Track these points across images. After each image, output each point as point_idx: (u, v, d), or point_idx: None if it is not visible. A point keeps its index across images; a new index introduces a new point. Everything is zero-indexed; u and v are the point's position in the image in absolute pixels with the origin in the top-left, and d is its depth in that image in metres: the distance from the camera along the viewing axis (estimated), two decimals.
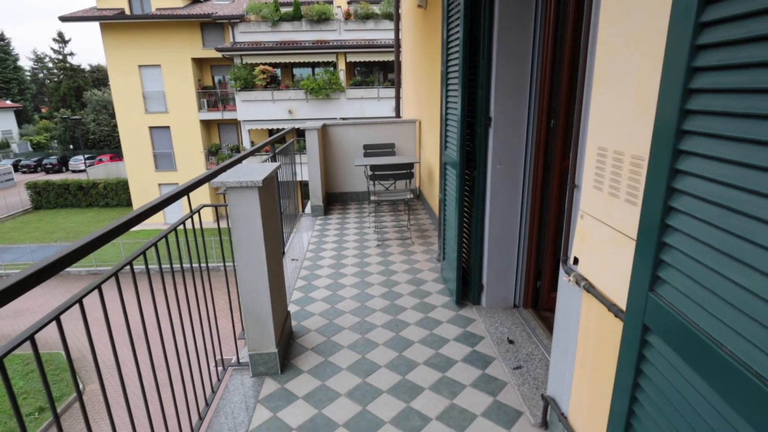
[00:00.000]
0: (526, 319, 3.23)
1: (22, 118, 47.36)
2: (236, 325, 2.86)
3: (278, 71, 21.48)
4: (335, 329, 3.25)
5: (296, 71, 22.01)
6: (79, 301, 1.43)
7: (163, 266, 1.99)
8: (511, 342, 2.97)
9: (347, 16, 20.63)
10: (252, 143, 20.97)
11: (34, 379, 11.31)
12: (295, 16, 20.21)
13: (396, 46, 8.76)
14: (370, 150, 6.21)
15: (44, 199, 26.05)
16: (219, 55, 20.15)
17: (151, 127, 21.46)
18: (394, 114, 19.45)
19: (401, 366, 2.79)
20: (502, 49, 2.96)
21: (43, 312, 14.27)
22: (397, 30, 8.68)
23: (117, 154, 35.02)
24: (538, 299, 3.34)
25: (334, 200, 6.70)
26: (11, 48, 48.10)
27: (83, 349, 12.25)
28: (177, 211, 21.72)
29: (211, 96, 21.76)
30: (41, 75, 52.49)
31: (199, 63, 21.42)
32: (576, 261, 1.83)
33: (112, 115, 35.33)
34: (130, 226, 1.63)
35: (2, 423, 10.19)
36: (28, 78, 51.67)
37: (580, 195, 1.84)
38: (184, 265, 2.19)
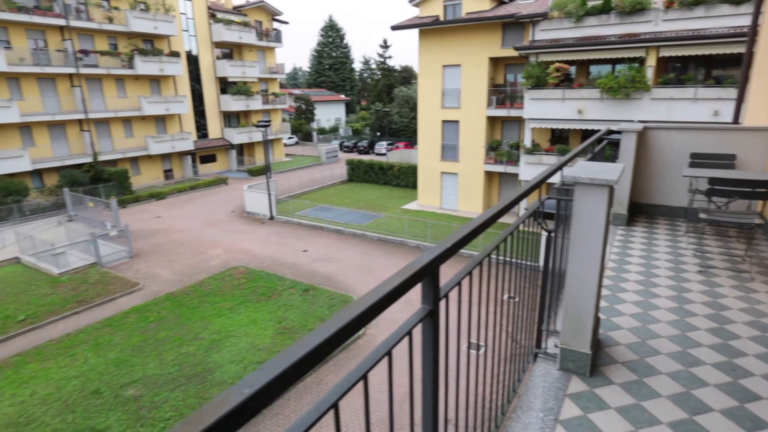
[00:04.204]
0: None
1: (348, 108, 60.60)
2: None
3: (572, 69, 20.52)
4: (649, 350, 2.97)
5: (593, 69, 20.57)
6: (473, 270, 1.72)
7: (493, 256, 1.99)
8: None
9: (668, 4, 17.85)
10: (533, 142, 20.87)
11: (335, 308, 14.45)
12: (603, 9, 18.76)
13: (751, 34, 7.08)
14: (699, 159, 5.29)
15: (356, 173, 32.64)
16: (514, 54, 20.65)
17: (443, 121, 23.93)
18: (714, 118, 16.04)
19: (744, 420, 2.34)
20: None
21: (344, 261, 18.06)
22: (756, 13, 6.99)
23: (411, 142, 40.71)
24: None
25: (639, 211, 6.03)
26: (350, 53, 61.57)
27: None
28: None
29: (500, 93, 22.59)
30: (365, 75, 65.35)
31: (494, 62, 22.48)
32: None
33: (412, 109, 41.04)
34: (506, 210, 1.84)
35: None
36: (357, 77, 65.22)
37: None
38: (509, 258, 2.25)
